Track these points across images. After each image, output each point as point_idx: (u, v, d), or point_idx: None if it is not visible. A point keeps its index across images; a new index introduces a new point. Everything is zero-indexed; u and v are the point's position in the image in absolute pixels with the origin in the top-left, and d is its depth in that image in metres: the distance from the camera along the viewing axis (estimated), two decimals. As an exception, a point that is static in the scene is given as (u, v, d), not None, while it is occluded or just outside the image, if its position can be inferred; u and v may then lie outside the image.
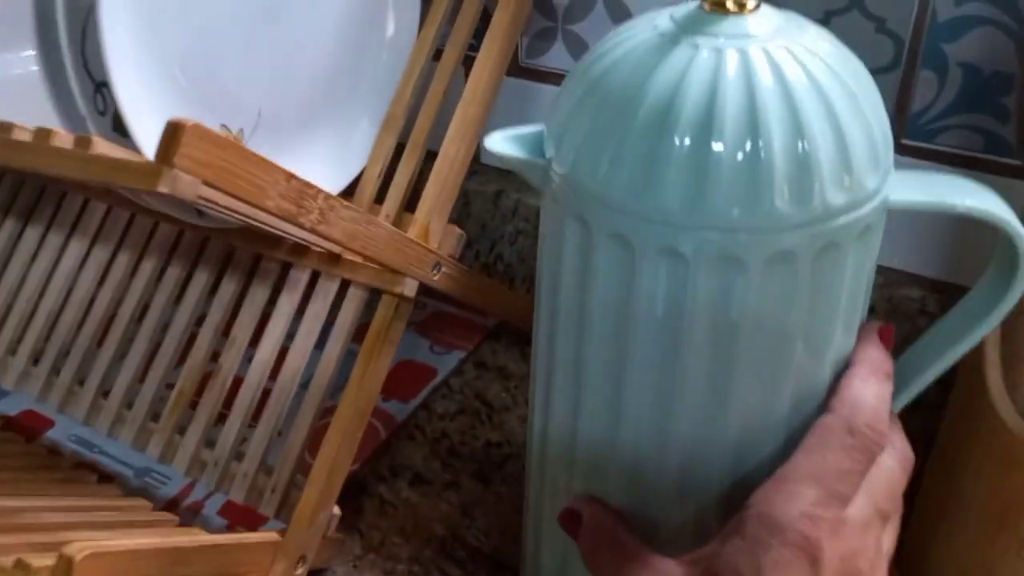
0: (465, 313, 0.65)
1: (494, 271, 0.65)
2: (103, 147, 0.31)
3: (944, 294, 0.51)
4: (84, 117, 0.36)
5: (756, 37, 0.29)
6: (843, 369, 0.33)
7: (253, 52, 0.43)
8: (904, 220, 0.50)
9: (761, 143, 0.28)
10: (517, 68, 0.58)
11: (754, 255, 0.29)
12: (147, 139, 0.36)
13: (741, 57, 0.29)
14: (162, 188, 0.29)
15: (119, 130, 0.37)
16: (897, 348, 0.36)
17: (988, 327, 0.35)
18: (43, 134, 0.31)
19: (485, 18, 0.50)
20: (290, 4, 0.45)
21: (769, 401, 0.32)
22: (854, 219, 0.29)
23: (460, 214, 0.64)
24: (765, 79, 0.28)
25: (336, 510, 0.46)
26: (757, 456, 0.33)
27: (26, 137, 0.32)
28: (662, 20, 0.31)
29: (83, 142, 0.31)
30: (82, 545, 0.31)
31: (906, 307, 0.51)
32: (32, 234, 0.57)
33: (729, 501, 0.33)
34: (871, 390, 0.32)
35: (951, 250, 0.50)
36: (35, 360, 0.55)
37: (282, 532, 0.44)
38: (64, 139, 0.31)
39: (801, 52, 0.29)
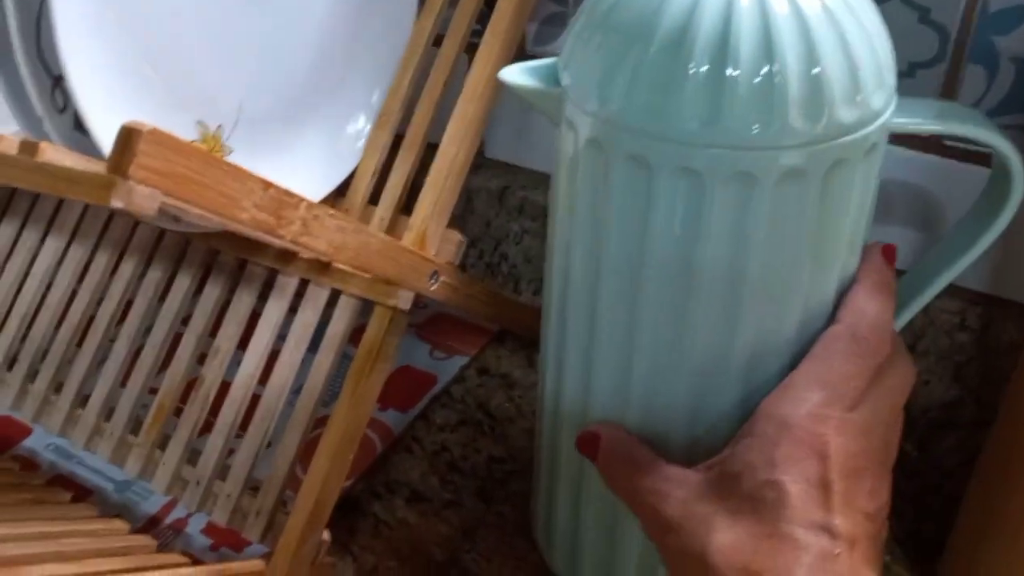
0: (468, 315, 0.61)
1: (498, 272, 0.62)
2: (51, 154, 0.27)
3: (985, 307, 0.47)
4: (40, 117, 0.33)
5: None
6: (848, 287, 0.35)
7: (233, 41, 0.40)
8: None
9: (776, 67, 0.29)
10: (524, 56, 0.54)
11: (767, 172, 0.30)
12: (111, 139, 0.33)
13: None
14: (116, 203, 0.25)
15: (81, 129, 0.33)
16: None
17: (983, 246, 0.37)
18: (-14, 138, 0.28)
19: (489, 2, 0.46)
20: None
21: (779, 318, 0.33)
22: (861, 136, 0.31)
23: (463, 211, 0.60)
24: (778, 4, 0.29)
25: (325, 535, 0.43)
26: (766, 375, 0.34)
27: (-32, 141, 0.28)
28: None
29: (29, 148, 0.27)
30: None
31: (944, 321, 0.48)
32: (6, 231, 0.53)
33: (740, 422, 0.34)
34: (875, 303, 0.33)
35: (994, 262, 0.47)
36: (9, 365, 0.52)
37: (267, 557, 0.41)
38: (8, 144, 0.27)
39: None
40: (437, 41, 0.47)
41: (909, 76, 0.44)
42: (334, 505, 0.42)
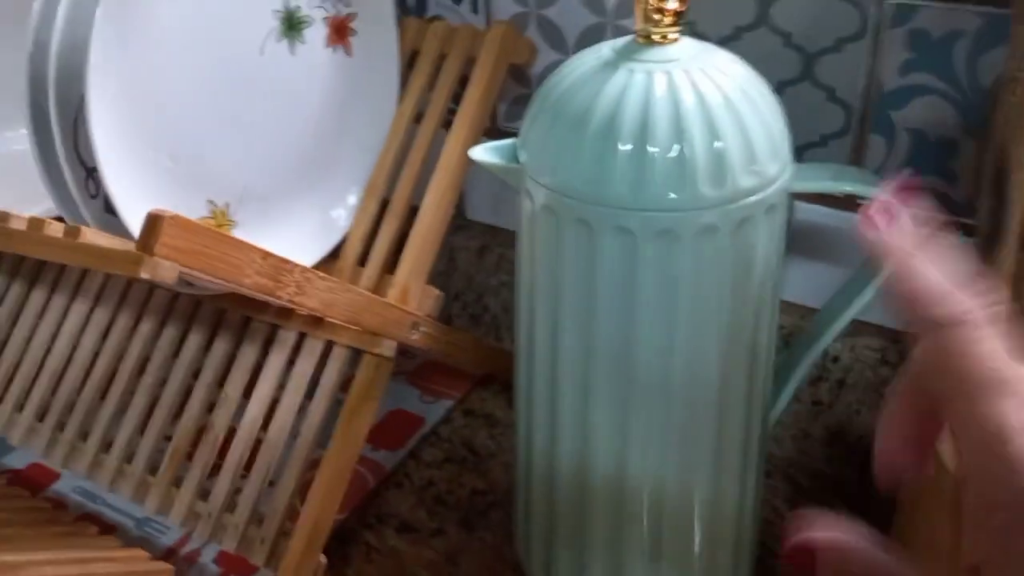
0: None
1: (481, 322, 0.68)
2: (90, 236, 0.33)
3: (904, 344, 0.53)
4: (77, 203, 0.39)
5: (678, 61, 0.37)
6: (767, 321, 0.41)
7: (238, 132, 0.46)
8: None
9: (685, 145, 0.35)
10: (496, 131, 0.61)
11: (686, 229, 0.36)
12: (136, 221, 0.39)
13: (668, 78, 0.36)
14: (144, 275, 0.32)
15: (111, 211, 0.40)
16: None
17: (878, 285, 0.43)
18: (36, 224, 0.34)
19: (464, 82, 0.53)
20: (271, 86, 0.48)
21: (706, 349, 0.39)
22: (761, 198, 0.37)
23: (447, 267, 0.67)
24: (686, 95, 0.36)
25: (322, 559, 0.48)
26: (701, 391, 0.40)
27: (21, 226, 0.35)
28: (605, 50, 0.39)
29: (72, 232, 0.33)
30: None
31: (867, 357, 0.53)
32: (37, 297, 0.60)
33: (678, 440, 0.41)
34: (926, 279, 0.29)
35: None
36: (40, 417, 0.58)
37: (271, 581, 0.46)
38: (55, 229, 0.34)
39: (714, 72, 0.37)
40: (417, 119, 0.54)
41: (822, 145, 0.50)
42: (330, 536, 0.48)
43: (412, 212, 0.52)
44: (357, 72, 0.51)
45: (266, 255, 0.37)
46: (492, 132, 0.61)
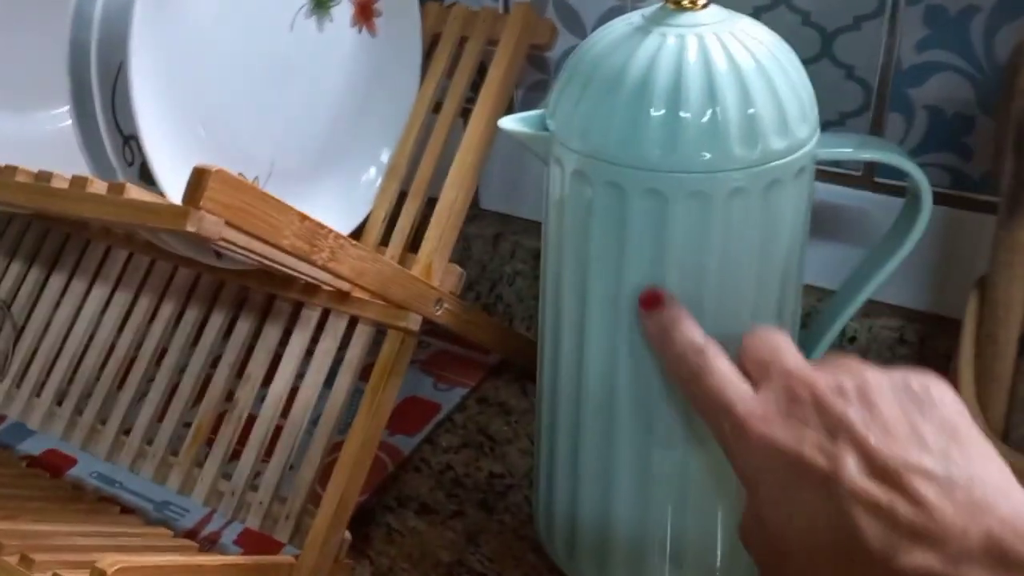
0: (467, 352, 0.68)
1: (494, 311, 0.68)
2: (135, 192, 0.34)
3: (921, 323, 0.53)
4: (115, 168, 0.40)
5: (709, 25, 0.38)
6: (793, 289, 0.41)
7: (266, 107, 0.47)
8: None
9: (718, 108, 0.36)
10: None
11: (717, 190, 0.37)
12: (171, 187, 0.40)
13: (699, 42, 0.37)
14: (190, 227, 0.32)
15: (144, 179, 0.40)
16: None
17: (901, 257, 0.44)
18: (80, 182, 0.35)
19: (482, 71, 0.54)
20: (299, 63, 0.49)
21: (732, 309, 0.40)
22: (791, 161, 0.38)
23: (461, 256, 0.67)
24: (719, 58, 0.37)
25: (347, 535, 0.48)
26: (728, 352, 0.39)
27: (64, 185, 0.35)
28: (635, 17, 0.40)
29: (117, 188, 0.34)
30: (113, 560, 0.34)
31: (885, 336, 0.54)
32: (57, 281, 0.60)
33: None
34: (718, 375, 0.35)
35: (927, 283, 0.53)
36: (59, 401, 0.58)
37: (296, 556, 0.46)
38: (99, 186, 0.34)
39: (744, 37, 0.38)
40: (436, 107, 0.54)
41: (839, 124, 0.51)
42: (350, 518, 0.48)
43: (429, 203, 0.53)
44: (380, 52, 0.52)
45: (304, 218, 0.37)
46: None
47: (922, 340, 0.53)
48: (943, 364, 0.52)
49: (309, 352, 0.52)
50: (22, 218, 0.62)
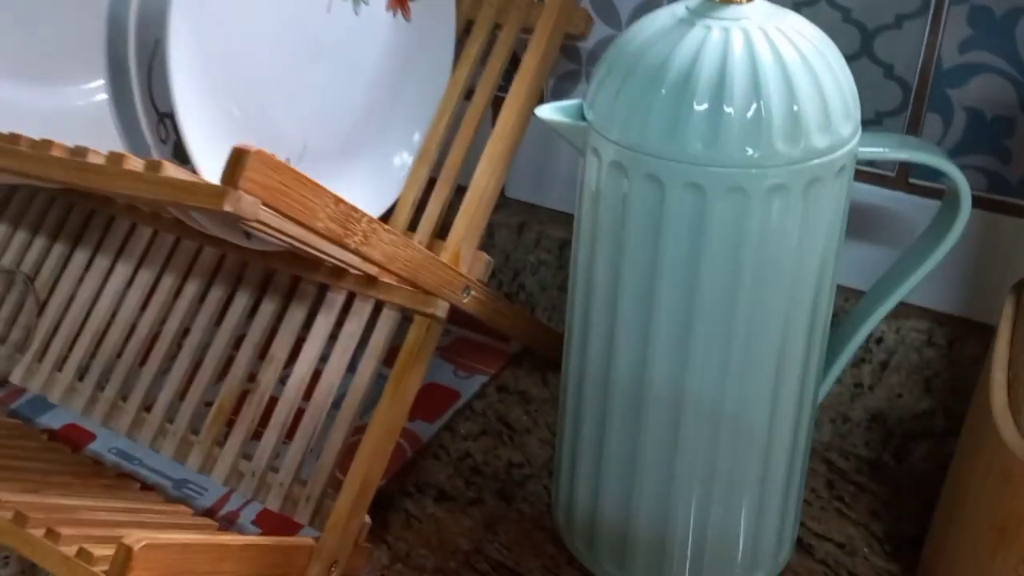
0: (488, 339, 0.68)
1: (516, 300, 0.68)
2: (171, 170, 0.33)
3: (951, 326, 0.53)
4: (149, 145, 0.39)
5: (754, 19, 0.37)
6: (827, 289, 0.41)
7: (301, 88, 0.47)
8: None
9: (763, 103, 0.36)
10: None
11: (757, 187, 0.37)
12: (205, 165, 0.39)
13: (744, 35, 0.37)
14: (227, 207, 0.32)
15: (178, 157, 0.40)
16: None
17: (938, 258, 0.44)
18: (116, 158, 0.34)
19: (514, 60, 0.54)
20: (334, 45, 0.48)
21: (767, 305, 0.39)
22: (832, 159, 0.37)
23: (485, 244, 0.67)
24: (764, 53, 0.36)
25: (367, 519, 0.48)
26: (759, 352, 0.41)
27: (101, 161, 0.35)
28: (679, 9, 0.39)
29: (154, 166, 0.34)
30: (140, 536, 0.34)
31: (913, 338, 0.54)
32: (80, 257, 0.60)
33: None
34: None
35: (959, 286, 0.53)
36: (80, 376, 0.58)
37: (316, 539, 0.46)
38: (136, 163, 0.34)
39: (790, 32, 0.37)
40: (468, 94, 0.54)
41: (877, 123, 0.51)
42: (370, 503, 0.48)
43: (458, 191, 0.53)
44: (414, 37, 0.52)
45: (339, 201, 0.37)
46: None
47: (950, 343, 0.53)
48: (971, 368, 0.52)
49: (333, 336, 0.51)
50: (47, 193, 0.62)
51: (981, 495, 0.43)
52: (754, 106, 0.36)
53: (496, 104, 0.53)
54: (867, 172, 0.52)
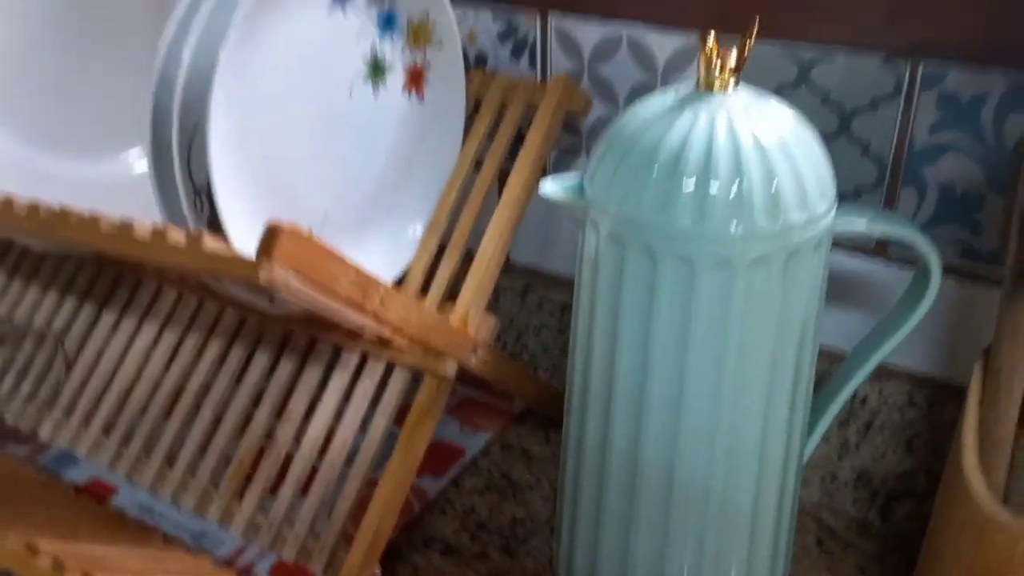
0: (492, 399, 0.71)
1: (519, 360, 0.71)
2: (211, 244, 0.37)
3: (930, 389, 0.56)
4: (186, 216, 0.43)
5: (737, 107, 0.41)
6: (808, 354, 0.44)
7: (323, 164, 0.51)
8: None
9: (744, 182, 0.39)
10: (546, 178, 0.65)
11: (741, 259, 0.40)
12: (237, 234, 0.43)
13: (728, 122, 0.40)
14: (262, 278, 0.35)
15: (212, 226, 0.44)
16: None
17: (909, 327, 0.47)
18: (160, 233, 0.38)
19: (519, 136, 0.58)
20: (355, 124, 0.52)
21: (753, 368, 0.43)
22: (810, 234, 0.41)
23: (490, 307, 0.70)
24: (746, 138, 0.40)
25: (378, 571, 0.51)
26: (745, 416, 0.44)
27: (146, 235, 0.39)
28: (668, 96, 0.43)
29: (194, 239, 0.37)
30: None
31: (895, 399, 0.57)
32: (108, 318, 0.63)
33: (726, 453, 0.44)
34: None
35: (937, 350, 0.56)
36: (107, 431, 0.61)
37: (328, 589, 0.48)
38: (178, 237, 0.37)
39: (769, 117, 0.41)
40: (477, 167, 0.58)
41: (856, 197, 0.55)
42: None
43: (465, 257, 0.56)
44: (428, 116, 0.56)
45: (359, 271, 0.40)
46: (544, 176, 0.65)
47: (930, 405, 0.56)
48: (950, 430, 0.55)
49: (346, 395, 0.55)
50: (77, 256, 0.66)
51: (956, 551, 0.45)
52: (737, 185, 0.39)
53: (502, 176, 0.57)
54: (850, 242, 0.56)
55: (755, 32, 0.41)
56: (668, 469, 0.45)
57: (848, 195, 0.55)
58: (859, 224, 0.44)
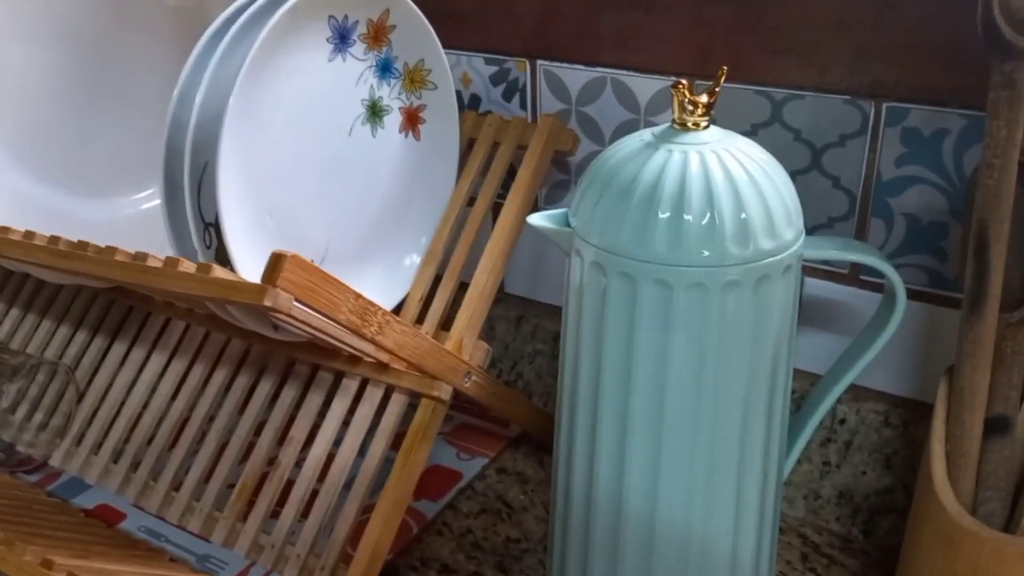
0: (488, 424, 0.73)
1: (514, 387, 0.74)
2: (218, 272, 0.40)
3: (904, 408, 0.59)
4: (196, 250, 0.46)
5: (709, 144, 0.44)
6: (783, 372, 0.46)
7: (325, 199, 0.54)
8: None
9: (716, 213, 0.42)
10: (537, 211, 0.68)
11: (714, 283, 0.43)
12: (244, 266, 0.46)
13: (700, 157, 0.43)
14: (268, 303, 0.38)
15: (219, 259, 0.47)
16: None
17: (877, 349, 0.50)
18: (172, 262, 0.41)
19: (511, 172, 0.61)
20: (354, 162, 0.56)
21: (729, 386, 0.45)
22: (779, 259, 0.44)
23: (486, 336, 0.73)
24: (716, 171, 0.43)
25: (376, 588, 0.53)
26: (724, 436, 0.46)
27: (159, 264, 0.41)
28: (646, 135, 0.46)
29: (204, 268, 0.40)
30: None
31: (872, 419, 0.59)
32: (118, 349, 0.66)
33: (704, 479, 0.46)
34: None
35: (910, 372, 0.59)
36: (115, 459, 0.63)
37: (329, 606, 0.51)
38: (189, 266, 0.40)
39: (738, 153, 0.44)
40: (470, 202, 0.61)
41: (828, 227, 0.58)
42: None
43: (460, 288, 0.59)
44: (423, 154, 0.59)
45: (358, 296, 0.43)
46: (535, 211, 0.68)
47: (905, 424, 0.58)
48: (923, 445, 0.57)
49: (346, 421, 0.57)
50: (89, 291, 0.69)
51: (929, 561, 0.48)
52: (708, 215, 0.42)
53: (495, 210, 0.60)
54: (824, 270, 0.59)
55: (723, 78, 0.45)
56: (652, 489, 0.47)
57: (822, 225, 0.58)
58: (829, 252, 0.47)
